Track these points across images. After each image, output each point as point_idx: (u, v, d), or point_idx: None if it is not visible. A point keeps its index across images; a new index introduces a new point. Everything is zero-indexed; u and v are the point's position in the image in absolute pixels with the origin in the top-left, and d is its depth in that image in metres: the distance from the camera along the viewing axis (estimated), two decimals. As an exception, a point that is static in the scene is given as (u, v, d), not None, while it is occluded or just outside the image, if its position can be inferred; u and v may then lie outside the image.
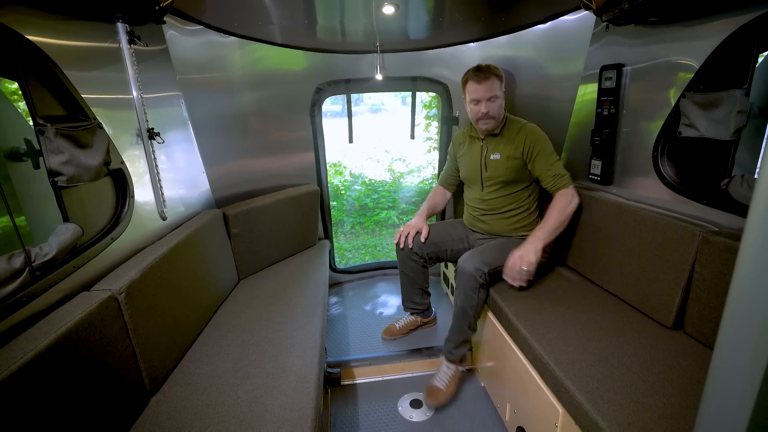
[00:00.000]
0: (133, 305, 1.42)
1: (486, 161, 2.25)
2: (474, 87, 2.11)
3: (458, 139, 2.49)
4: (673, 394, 1.30)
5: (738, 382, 0.61)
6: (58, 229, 1.30)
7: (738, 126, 1.46)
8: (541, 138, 2.15)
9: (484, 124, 2.17)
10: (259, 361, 1.64)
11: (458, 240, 2.46)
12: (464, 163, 2.39)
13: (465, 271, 2.05)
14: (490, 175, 2.25)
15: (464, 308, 2.09)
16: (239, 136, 2.60)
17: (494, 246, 2.21)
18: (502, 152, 2.20)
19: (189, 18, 2.09)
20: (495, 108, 2.13)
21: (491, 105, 2.12)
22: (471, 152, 2.35)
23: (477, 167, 2.30)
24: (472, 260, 2.06)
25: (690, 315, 1.60)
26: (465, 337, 2.15)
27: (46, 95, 1.34)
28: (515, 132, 2.19)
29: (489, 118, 2.14)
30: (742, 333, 0.61)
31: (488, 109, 2.12)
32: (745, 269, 0.60)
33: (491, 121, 2.16)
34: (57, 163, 1.30)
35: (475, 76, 2.10)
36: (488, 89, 2.09)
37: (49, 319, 1.17)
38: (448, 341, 2.19)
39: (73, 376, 1.13)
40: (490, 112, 2.12)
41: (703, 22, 1.59)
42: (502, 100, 2.16)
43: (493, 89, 2.10)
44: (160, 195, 1.89)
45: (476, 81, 2.10)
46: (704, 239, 1.52)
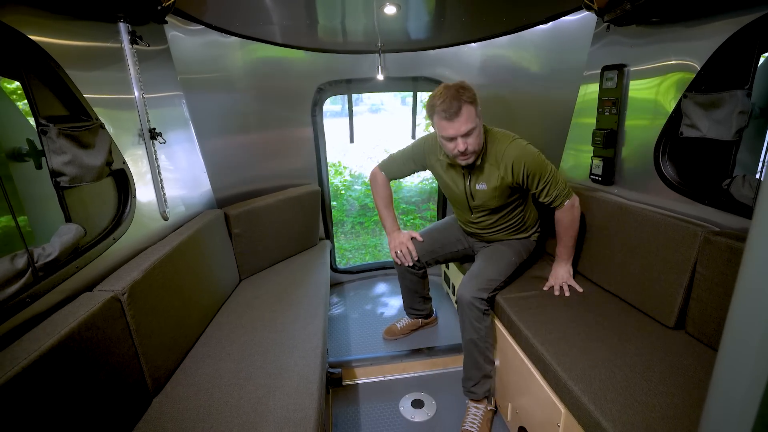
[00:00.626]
0: (136, 306, 1.42)
1: (472, 191, 2.02)
2: (444, 125, 1.74)
3: (429, 149, 2.11)
4: (676, 395, 1.30)
5: (743, 382, 0.61)
6: (61, 230, 1.30)
7: (739, 126, 1.47)
8: (529, 162, 1.86)
9: (464, 161, 1.85)
10: (262, 362, 1.64)
11: (456, 241, 2.36)
12: (446, 186, 2.12)
13: (464, 302, 1.91)
14: (478, 204, 2.05)
15: (473, 341, 1.93)
16: (240, 135, 2.60)
17: (491, 258, 2.09)
18: (487, 182, 1.95)
19: (190, 18, 2.08)
20: (474, 142, 1.78)
21: (469, 140, 1.76)
22: (452, 179, 2.07)
23: (462, 196, 2.07)
24: (469, 288, 1.92)
25: (692, 315, 1.60)
26: (484, 372, 1.97)
27: (48, 95, 1.34)
28: (498, 158, 1.89)
29: (469, 155, 1.82)
30: (747, 333, 0.61)
31: (466, 146, 1.76)
32: (751, 269, 0.60)
33: (472, 157, 1.84)
34: (59, 163, 1.30)
35: (443, 113, 1.71)
36: (463, 123, 1.71)
37: (52, 319, 1.17)
38: (466, 380, 2.01)
39: (76, 376, 1.13)
40: (468, 149, 1.78)
41: (705, 23, 1.60)
42: (480, 128, 1.81)
43: (468, 121, 1.72)
44: (161, 195, 1.89)
45: (445, 119, 1.72)
46: (706, 239, 1.53)
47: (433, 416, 2.10)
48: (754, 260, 0.59)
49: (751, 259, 0.60)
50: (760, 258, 0.58)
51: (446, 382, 2.33)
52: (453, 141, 1.77)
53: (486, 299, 1.92)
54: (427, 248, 2.31)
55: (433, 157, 2.11)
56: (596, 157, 2.18)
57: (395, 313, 2.93)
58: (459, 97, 1.69)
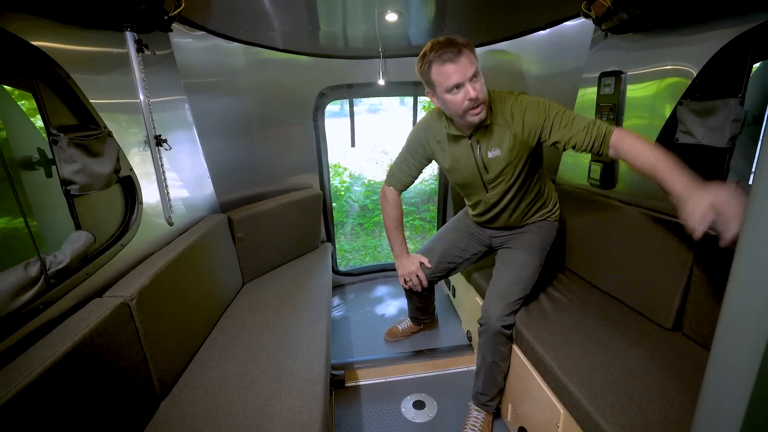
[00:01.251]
0: (144, 311, 1.44)
1: (485, 162, 1.79)
2: (448, 69, 1.52)
3: (430, 134, 1.90)
4: (675, 399, 1.34)
5: (732, 384, 0.64)
6: (71, 237, 1.33)
7: (733, 134, 1.50)
8: (542, 105, 1.66)
9: (475, 115, 1.60)
10: (267, 365, 1.67)
11: (467, 248, 2.19)
12: (455, 170, 1.90)
13: (492, 329, 1.82)
14: (493, 176, 1.82)
15: (496, 363, 1.89)
16: (243, 140, 2.63)
17: (515, 270, 1.94)
18: (500, 146, 1.73)
19: (195, 25, 2.11)
20: (481, 89, 1.56)
21: (477, 86, 1.54)
22: (460, 155, 1.83)
23: (474, 172, 1.84)
24: (497, 314, 1.81)
25: (688, 317, 1.64)
26: (500, 387, 1.96)
27: (58, 105, 1.37)
28: (508, 116, 1.69)
29: (479, 106, 1.59)
30: (737, 337, 0.65)
31: (476, 93, 1.54)
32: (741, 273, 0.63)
33: (482, 109, 1.60)
34: (70, 172, 1.32)
35: (444, 55, 1.51)
36: (468, 66, 1.52)
37: (64, 326, 1.19)
38: (482, 395, 1.97)
39: (88, 381, 1.16)
40: (480, 96, 1.56)
41: (700, 32, 1.63)
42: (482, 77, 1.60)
43: (472, 63, 1.53)
44: (167, 201, 1.91)
45: (449, 61, 1.51)
46: (702, 243, 1.56)
47: (434, 417, 2.13)
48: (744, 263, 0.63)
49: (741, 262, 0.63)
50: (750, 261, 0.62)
51: (447, 383, 2.36)
52: (460, 90, 1.54)
53: (513, 321, 1.85)
54: (437, 269, 2.17)
55: (432, 141, 1.89)
56: (594, 162, 2.21)
57: (396, 314, 2.96)
58: (456, 42, 1.52)
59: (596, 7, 1.80)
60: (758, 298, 0.59)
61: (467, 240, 2.20)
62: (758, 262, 0.59)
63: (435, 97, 1.66)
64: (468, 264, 2.25)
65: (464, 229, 2.23)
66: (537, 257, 1.98)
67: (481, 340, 1.90)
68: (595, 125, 1.56)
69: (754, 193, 0.58)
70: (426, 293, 2.39)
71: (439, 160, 1.94)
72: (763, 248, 0.58)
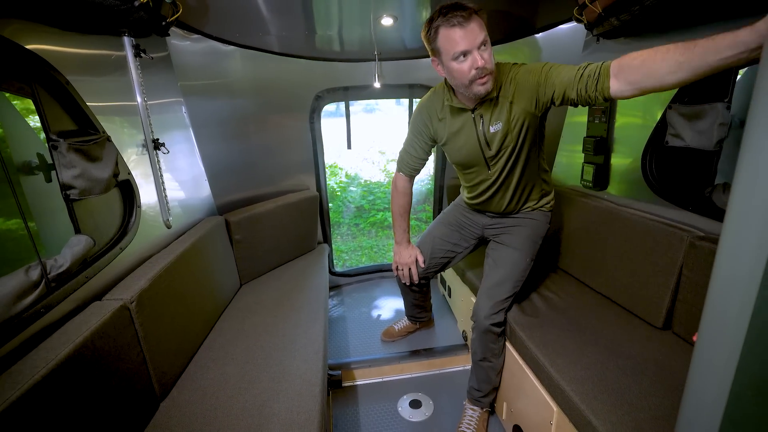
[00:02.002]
0: (144, 313, 1.46)
1: (487, 137, 1.71)
2: (455, 35, 1.43)
3: (431, 111, 1.83)
4: (665, 396, 1.37)
5: (713, 381, 0.67)
6: (71, 241, 1.34)
7: (720, 137, 1.54)
8: (537, 67, 1.59)
9: (482, 85, 1.53)
10: (265, 366, 1.69)
11: (464, 239, 2.16)
12: (455, 144, 1.81)
13: (482, 327, 1.87)
14: (494, 152, 1.75)
15: (487, 359, 1.94)
16: (240, 142, 2.64)
17: (505, 268, 1.94)
18: (502, 118, 1.66)
19: (192, 29, 2.13)
20: (489, 58, 1.49)
21: (485, 55, 1.47)
22: (461, 131, 1.76)
23: (476, 148, 1.76)
24: (486, 312, 1.85)
25: (678, 316, 1.68)
26: (494, 385, 1.99)
27: (57, 111, 1.38)
28: (508, 83, 1.63)
29: (486, 76, 1.51)
30: (717, 335, 0.68)
31: (483, 62, 1.46)
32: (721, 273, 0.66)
33: (489, 80, 1.52)
34: (69, 176, 1.34)
35: (453, 19, 1.42)
36: (477, 32, 1.43)
37: (65, 329, 1.21)
38: (476, 390, 2.02)
39: (89, 384, 1.18)
40: (487, 66, 1.48)
41: (689, 37, 1.66)
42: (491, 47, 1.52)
43: (482, 30, 1.45)
44: (165, 203, 1.93)
45: (457, 26, 1.42)
46: (691, 244, 1.60)
47: (430, 416, 2.16)
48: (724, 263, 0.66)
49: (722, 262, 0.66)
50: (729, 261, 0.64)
51: (443, 383, 2.39)
52: (467, 58, 1.47)
53: (503, 320, 1.88)
54: (430, 265, 2.18)
55: (434, 118, 1.83)
56: (587, 164, 2.25)
57: (393, 315, 2.99)
58: (466, 6, 1.43)
59: (588, 13, 1.83)
60: (736, 297, 0.61)
61: (459, 234, 2.18)
62: (737, 261, 0.62)
63: (440, 66, 1.60)
64: (461, 257, 2.23)
65: (456, 222, 2.19)
66: (528, 254, 1.97)
67: (473, 336, 1.96)
68: (588, 66, 1.44)
69: (734, 193, 0.60)
70: (421, 289, 2.41)
71: (441, 137, 1.85)
72: (741, 247, 0.61)
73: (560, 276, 2.31)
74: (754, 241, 0.58)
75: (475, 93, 1.57)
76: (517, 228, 2.00)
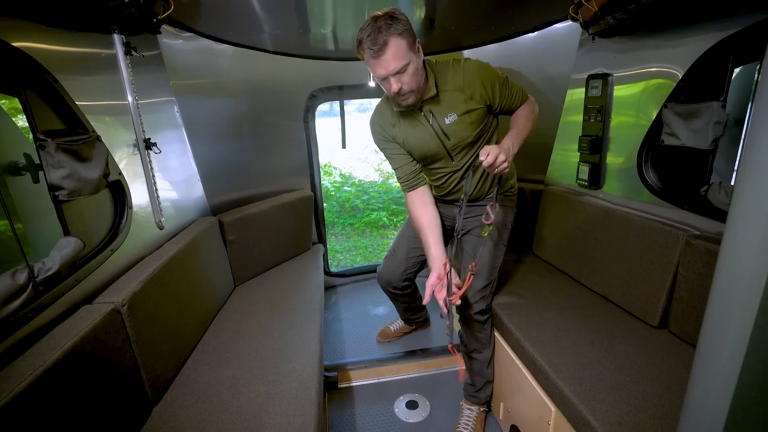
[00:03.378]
0: (136, 317, 1.43)
1: (443, 129, 1.74)
2: (372, 64, 1.51)
3: (382, 123, 1.84)
4: (662, 395, 1.37)
5: (716, 381, 0.67)
6: (60, 243, 1.31)
7: (716, 136, 1.55)
8: (489, 71, 1.72)
9: (403, 101, 1.62)
10: (260, 368, 1.67)
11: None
12: (413, 143, 1.81)
13: (466, 315, 1.93)
14: (455, 142, 1.77)
15: (478, 350, 1.98)
16: (233, 142, 2.61)
17: (486, 250, 1.94)
18: (455, 109, 1.70)
19: (184, 27, 2.10)
20: (409, 80, 1.53)
21: (403, 79, 1.52)
22: (415, 129, 1.78)
23: (435, 142, 1.78)
24: (469, 300, 1.91)
25: (674, 314, 1.68)
26: (487, 378, 2.02)
27: (45, 109, 1.35)
28: (458, 77, 1.68)
29: (405, 95, 1.58)
30: (721, 335, 0.67)
31: (399, 86, 1.52)
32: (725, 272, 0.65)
33: (410, 96, 1.60)
34: (58, 177, 1.30)
35: (369, 51, 1.46)
36: (392, 60, 1.46)
37: (54, 333, 1.18)
38: (470, 385, 2.06)
39: (79, 389, 1.15)
40: (403, 88, 1.54)
41: (684, 36, 1.68)
42: (415, 63, 1.53)
43: (398, 57, 1.46)
44: (157, 204, 1.90)
45: (372, 57, 1.48)
46: (687, 243, 1.60)
47: (427, 417, 2.15)
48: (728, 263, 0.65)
49: (725, 263, 0.65)
50: (733, 260, 0.64)
51: (440, 383, 2.38)
52: (385, 81, 1.54)
53: (485, 307, 1.92)
54: (408, 266, 2.22)
55: (389, 127, 1.83)
56: (583, 163, 2.25)
57: (388, 315, 2.97)
58: (384, 30, 1.44)
59: (583, 12, 1.83)
60: (740, 297, 0.61)
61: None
62: (740, 261, 0.61)
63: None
64: None
65: None
66: (500, 240, 2.00)
67: (461, 330, 2.00)
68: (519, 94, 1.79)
69: (736, 193, 0.59)
70: (405, 291, 2.38)
71: (400, 140, 1.84)
72: (744, 248, 0.60)
73: (556, 275, 2.31)
74: (758, 241, 0.57)
75: (401, 104, 1.68)
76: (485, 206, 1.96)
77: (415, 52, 1.53)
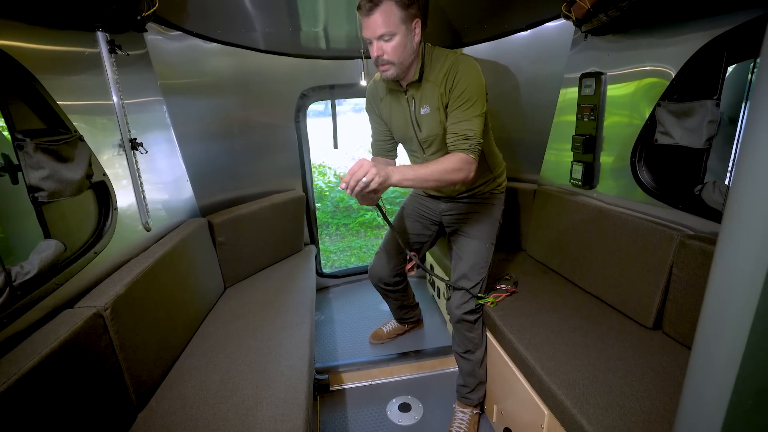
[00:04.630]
0: (119, 321, 1.40)
1: (418, 119, 1.72)
2: (363, 22, 1.49)
3: (374, 93, 1.86)
4: (657, 398, 1.35)
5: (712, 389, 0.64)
6: (40, 246, 1.27)
7: (710, 135, 1.53)
8: (468, 73, 1.56)
9: (383, 72, 1.58)
10: (248, 372, 1.64)
11: (425, 229, 2.17)
12: (393, 124, 1.83)
13: (454, 318, 1.92)
14: (426, 135, 1.74)
15: (470, 351, 1.96)
16: (223, 142, 2.57)
17: (466, 257, 1.95)
18: (430, 103, 1.66)
19: (171, 25, 2.06)
20: (391, 51, 1.50)
21: (385, 46, 1.49)
22: (396, 109, 1.78)
23: (409, 128, 1.77)
24: (454, 299, 1.91)
25: (668, 315, 1.66)
26: (479, 379, 2.00)
27: (24, 109, 1.31)
28: (444, 71, 1.60)
29: (385, 64, 1.54)
30: (716, 340, 0.65)
31: (380, 52, 1.50)
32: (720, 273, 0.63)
33: (390, 68, 1.55)
34: (37, 178, 1.27)
35: (363, 8, 1.46)
36: (378, 24, 1.45)
37: (32, 339, 1.14)
38: (462, 386, 2.04)
39: (58, 396, 1.11)
40: (384, 57, 1.51)
41: (678, 34, 1.66)
42: (405, 37, 1.50)
43: (385, 23, 1.45)
44: (143, 205, 1.86)
45: (364, 14, 1.46)
46: (681, 243, 1.59)
47: (420, 419, 2.12)
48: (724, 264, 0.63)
49: (721, 263, 0.63)
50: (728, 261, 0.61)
51: (433, 385, 2.35)
52: (371, 45, 1.52)
53: (474, 308, 1.91)
54: (399, 260, 2.23)
55: (377, 99, 1.85)
56: (576, 162, 2.23)
57: (382, 316, 2.94)
58: None
59: (576, 9, 1.81)
60: (736, 298, 0.59)
61: (419, 224, 2.18)
62: (736, 262, 0.59)
63: None
64: (428, 247, 2.27)
65: (414, 212, 2.19)
66: (487, 240, 1.97)
67: (452, 331, 1.99)
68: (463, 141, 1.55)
69: (732, 194, 0.57)
70: (397, 287, 2.36)
71: (384, 116, 1.86)
72: (739, 249, 0.58)
73: (550, 276, 2.29)
74: (755, 242, 0.55)
75: (382, 75, 1.62)
76: (473, 215, 2.00)
77: (409, 27, 1.51)
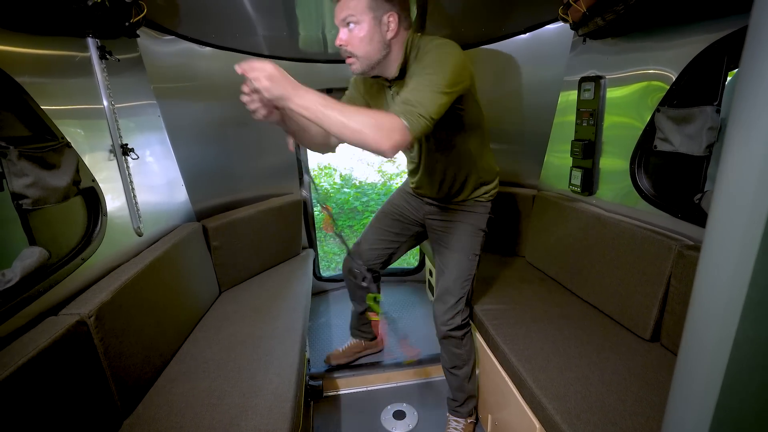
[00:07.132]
0: (104, 328, 1.39)
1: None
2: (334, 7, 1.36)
3: (364, 83, 1.71)
4: (650, 415, 1.30)
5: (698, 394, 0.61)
6: (23, 254, 1.27)
7: (710, 142, 1.48)
8: (438, 48, 1.35)
9: (349, 65, 1.41)
10: (237, 380, 1.62)
11: (405, 229, 2.10)
12: None
13: (440, 333, 1.88)
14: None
15: (457, 366, 1.93)
16: (219, 146, 2.56)
17: (449, 270, 1.87)
18: None
19: (164, 30, 2.05)
20: (356, 42, 1.34)
21: (350, 35, 1.33)
22: (379, 103, 1.65)
23: None
24: (441, 319, 1.85)
25: (666, 327, 1.61)
26: (468, 393, 1.97)
27: (8, 116, 1.31)
28: (421, 57, 1.38)
29: (349, 57, 1.38)
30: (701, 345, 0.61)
31: (342, 42, 1.35)
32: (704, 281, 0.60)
33: (355, 62, 1.39)
34: (21, 185, 1.26)
35: None
36: (344, 7, 1.31)
37: (10, 348, 1.14)
38: (452, 400, 2.01)
39: (37, 405, 1.10)
40: (346, 47, 1.35)
41: (677, 38, 1.61)
42: (372, 28, 1.33)
43: (352, 8, 1.30)
44: (135, 211, 1.86)
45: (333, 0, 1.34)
46: (679, 253, 1.54)
47: (414, 427, 2.09)
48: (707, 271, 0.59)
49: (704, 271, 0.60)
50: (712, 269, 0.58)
51: (428, 392, 2.32)
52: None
53: (461, 323, 1.85)
54: (371, 257, 2.14)
55: (366, 83, 1.69)
56: (575, 168, 2.18)
57: (379, 321, 2.92)
58: None
59: (572, 12, 1.77)
60: (719, 305, 0.55)
61: (400, 223, 2.11)
62: (718, 267, 0.55)
63: None
64: (407, 247, 2.19)
65: (397, 210, 2.11)
66: (470, 251, 1.86)
67: (440, 347, 1.95)
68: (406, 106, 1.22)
69: (716, 198, 0.54)
70: (368, 281, 2.18)
71: (368, 99, 1.71)
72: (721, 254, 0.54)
73: (547, 283, 2.25)
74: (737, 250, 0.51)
75: (350, 69, 1.44)
76: (456, 224, 1.88)
77: (378, 18, 1.33)
